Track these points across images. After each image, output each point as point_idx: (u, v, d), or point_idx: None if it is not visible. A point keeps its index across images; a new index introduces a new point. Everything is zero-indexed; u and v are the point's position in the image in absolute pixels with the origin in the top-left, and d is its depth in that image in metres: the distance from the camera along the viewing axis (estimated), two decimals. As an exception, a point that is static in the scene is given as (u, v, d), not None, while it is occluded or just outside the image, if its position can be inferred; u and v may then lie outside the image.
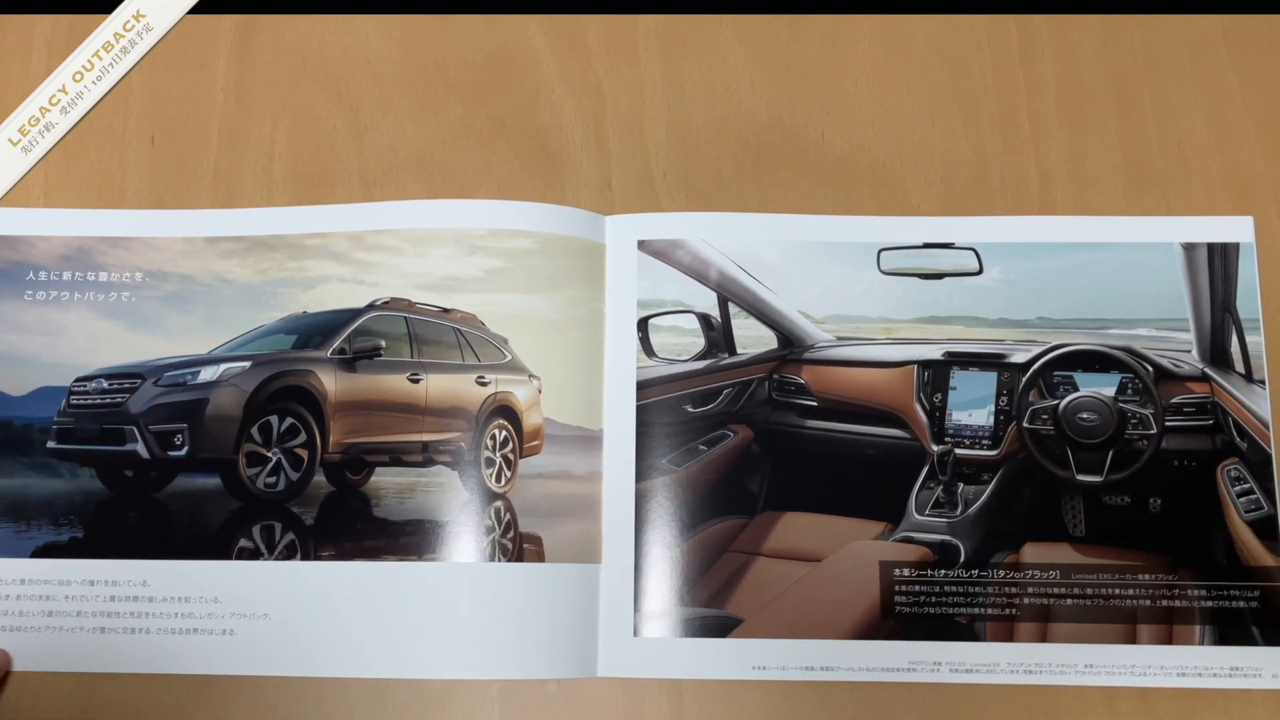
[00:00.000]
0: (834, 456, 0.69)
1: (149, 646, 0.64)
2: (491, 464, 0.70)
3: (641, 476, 0.67)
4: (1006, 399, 0.70)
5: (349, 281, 0.70)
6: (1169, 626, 0.64)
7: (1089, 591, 0.65)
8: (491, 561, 0.65)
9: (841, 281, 0.70)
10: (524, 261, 0.70)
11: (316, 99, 0.74)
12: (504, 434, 0.71)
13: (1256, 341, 0.68)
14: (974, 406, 0.70)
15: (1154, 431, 0.68)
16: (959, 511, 0.68)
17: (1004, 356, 0.70)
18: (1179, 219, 0.71)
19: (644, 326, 0.70)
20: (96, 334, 0.70)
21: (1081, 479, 0.68)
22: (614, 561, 0.66)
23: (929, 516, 0.67)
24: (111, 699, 0.64)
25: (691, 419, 0.69)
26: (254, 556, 0.66)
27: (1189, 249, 0.70)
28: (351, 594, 0.65)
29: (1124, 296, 0.69)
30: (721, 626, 0.65)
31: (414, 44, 0.76)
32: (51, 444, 0.70)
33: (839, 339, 0.71)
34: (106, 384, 0.70)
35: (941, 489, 0.68)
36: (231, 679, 0.64)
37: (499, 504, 0.67)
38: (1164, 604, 0.65)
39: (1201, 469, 0.67)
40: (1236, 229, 0.70)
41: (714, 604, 0.66)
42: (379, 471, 0.70)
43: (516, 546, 0.66)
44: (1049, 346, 0.70)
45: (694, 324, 0.71)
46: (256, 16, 0.76)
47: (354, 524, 0.67)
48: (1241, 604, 0.65)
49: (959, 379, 0.71)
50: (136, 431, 0.70)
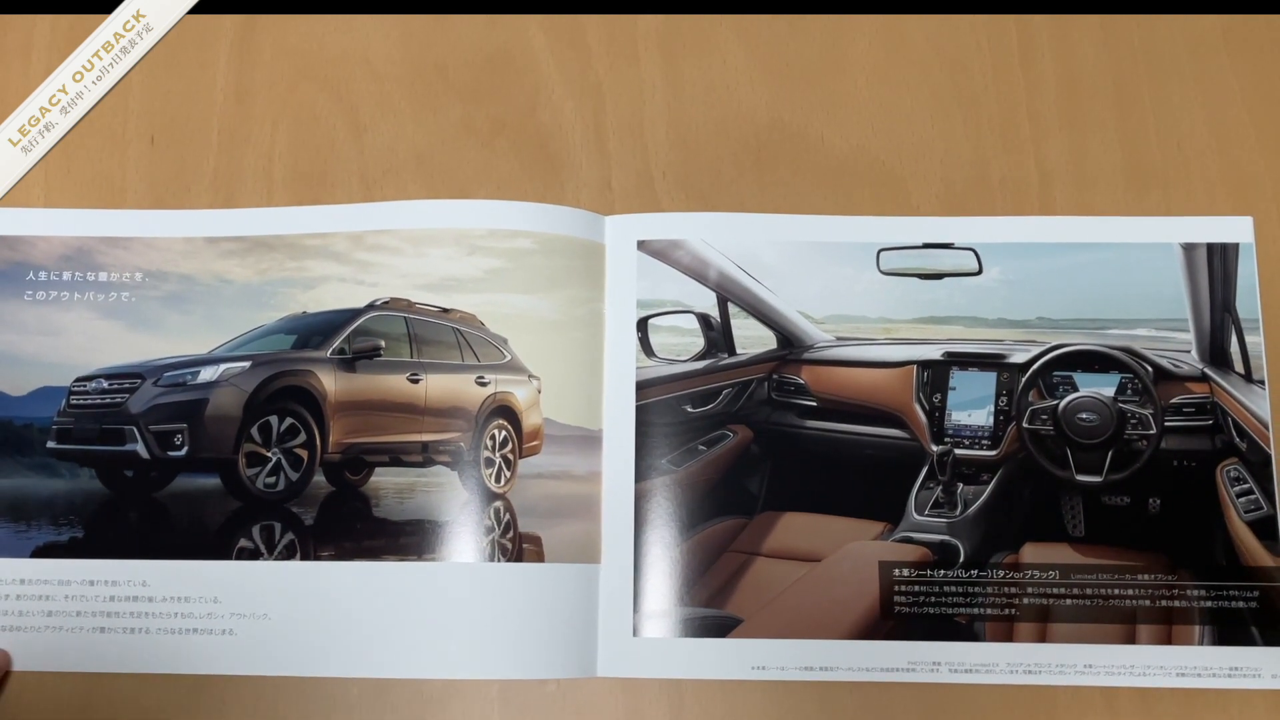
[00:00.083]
0: (833, 457, 0.69)
1: (149, 646, 0.64)
2: (491, 464, 0.70)
3: (641, 476, 0.67)
4: (1006, 399, 0.70)
5: (349, 281, 0.70)
6: (1168, 627, 0.64)
7: (1088, 591, 0.65)
8: (491, 561, 0.65)
9: (841, 281, 0.70)
10: (524, 261, 0.70)
11: (316, 99, 0.74)
12: (504, 434, 0.71)
13: (1256, 342, 0.68)
14: (973, 407, 0.70)
15: (1153, 432, 0.68)
16: (958, 512, 0.68)
17: (1003, 357, 0.70)
18: (1179, 219, 0.71)
19: (644, 326, 0.70)
20: (96, 334, 0.70)
21: (1081, 479, 0.68)
22: (614, 561, 0.66)
23: (928, 516, 0.67)
24: (111, 699, 0.64)
25: (691, 419, 0.69)
26: (254, 556, 0.66)
27: (1189, 249, 0.70)
28: (351, 594, 0.65)
29: (1124, 297, 0.69)
30: (721, 626, 0.65)
31: (414, 44, 0.76)
32: (51, 444, 0.70)
33: (838, 339, 0.71)
34: (106, 384, 0.70)
35: (941, 489, 0.68)
36: (231, 679, 0.64)
37: (499, 504, 0.67)
38: (1163, 604, 0.65)
39: (1201, 469, 0.67)
40: (1236, 229, 0.70)
41: (714, 604, 0.66)
42: (379, 471, 0.70)
43: (516, 546, 0.66)
44: (1049, 347, 0.70)
45: (693, 324, 0.71)
46: (256, 16, 0.76)
47: (354, 524, 0.68)
48: (1241, 604, 0.65)
49: (958, 379, 0.71)
50: (136, 431, 0.70)
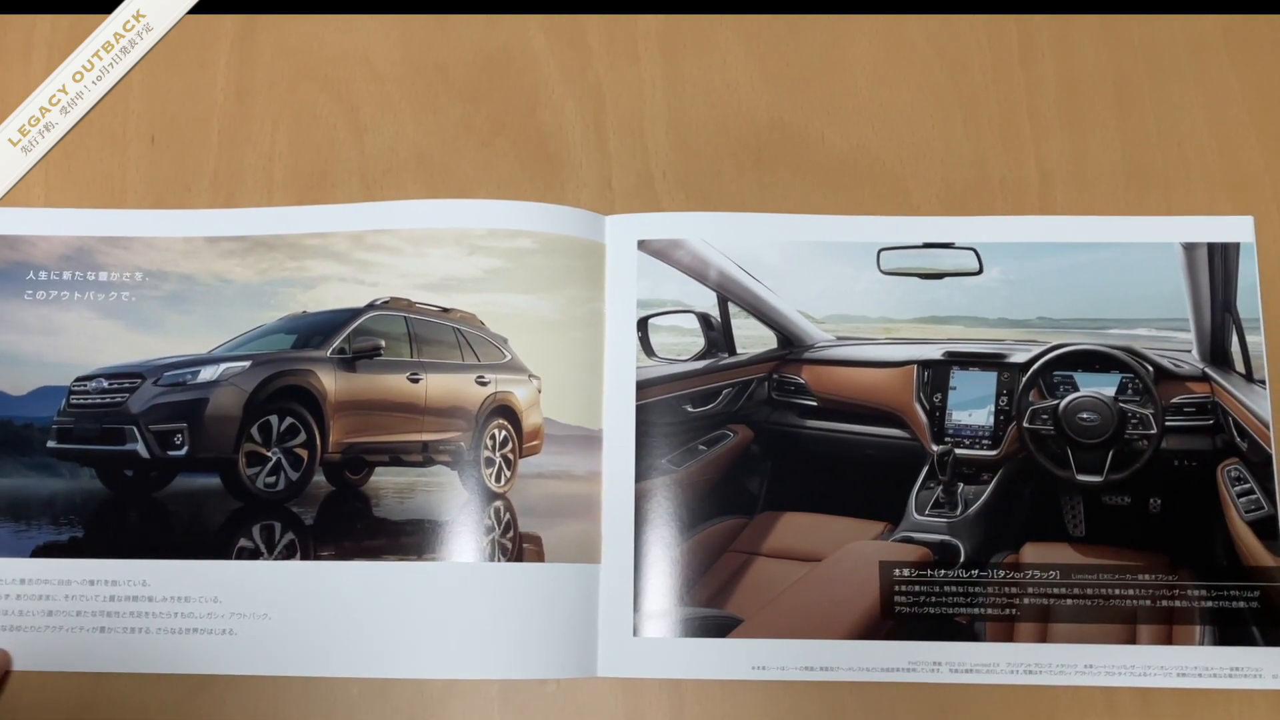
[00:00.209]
0: (834, 456, 0.69)
1: (149, 646, 0.64)
2: (491, 464, 0.70)
3: (641, 476, 0.67)
4: (1006, 399, 0.70)
5: (349, 281, 0.70)
6: (1169, 627, 0.64)
7: (1089, 591, 0.65)
8: (491, 561, 0.65)
9: (841, 281, 0.70)
10: (524, 261, 0.70)
11: (316, 99, 0.74)
12: (504, 434, 0.71)
13: (1257, 341, 0.68)
14: (974, 406, 0.70)
15: (1154, 431, 0.68)
16: (959, 511, 0.68)
17: (1004, 356, 0.70)
18: (1179, 219, 0.71)
19: (644, 326, 0.70)
20: (97, 334, 0.70)
21: (1081, 479, 0.68)
22: (614, 561, 0.66)
23: (929, 516, 0.67)
24: (111, 699, 0.64)
25: (691, 419, 0.69)
26: (254, 556, 0.66)
27: (1189, 249, 0.70)
28: (351, 594, 0.65)
29: (1124, 296, 0.69)
30: (721, 626, 0.65)
31: (414, 44, 0.76)
32: (51, 444, 0.70)
33: (839, 339, 0.71)
34: (106, 384, 0.70)
35: (941, 489, 0.68)
36: (231, 679, 0.64)
37: (499, 504, 0.67)
38: (1164, 604, 0.65)
39: (1202, 469, 0.67)
40: (1237, 229, 0.70)
41: (714, 604, 0.65)
42: (379, 471, 0.70)
43: (516, 546, 0.66)
44: (1049, 346, 0.69)
45: (694, 324, 0.71)
46: (256, 16, 0.76)
47: (354, 524, 0.67)
48: (1241, 604, 0.65)
49: (959, 379, 0.71)
50: (136, 431, 0.70)
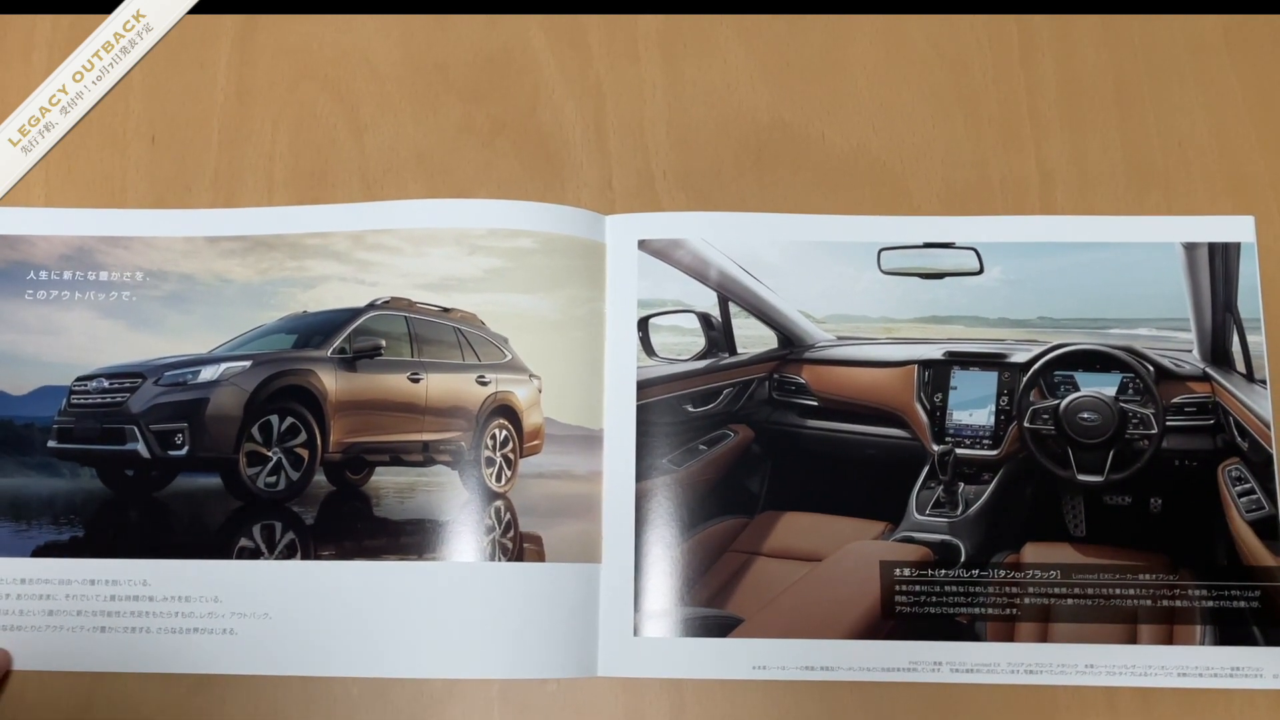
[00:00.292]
0: (834, 456, 0.69)
1: (149, 646, 0.64)
2: (492, 463, 0.70)
3: (642, 476, 0.67)
4: (1007, 399, 0.70)
5: (349, 281, 0.70)
6: (1169, 626, 0.64)
7: (1089, 591, 0.65)
8: (492, 561, 0.65)
9: (842, 281, 0.70)
10: (524, 261, 0.70)
11: (316, 99, 0.74)
12: (504, 433, 0.71)
13: (1257, 341, 0.68)
14: (975, 406, 0.70)
15: (1155, 431, 0.68)
16: (959, 511, 0.68)
17: (1005, 356, 0.70)
18: (1179, 219, 0.71)
19: (644, 326, 0.70)
20: (97, 333, 0.70)
21: (1082, 479, 0.68)
22: (614, 561, 0.66)
23: (929, 516, 0.67)
24: (111, 699, 0.64)
25: (692, 419, 0.69)
26: (254, 556, 0.66)
27: (1190, 249, 0.70)
28: (352, 593, 0.65)
29: (1125, 296, 0.69)
30: (722, 626, 0.65)
31: (414, 44, 0.76)
32: (52, 443, 0.70)
33: (839, 339, 0.71)
34: (107, 383, 0.70)
35: (942, 489, 0.68)
36: (231, 678, 0.64)
37: (499, 503, 0.67)
38: (1164, 604, 0.65)
39: (1202, 469, 0.67)
40: (1237, 228, 0.70)
41: (714, 604, 0.65)
42: (379, 471, 0.70)
43: (517, 546, 0.66)
44: (1050, 346, 0.69)
45: (694, 324, 0.71)
46: (256, 16, 0.76)
47: (354, 524, 0.67)
48: (1242, 604, 0.65)
49: (959, 379, 0.71)
50: (137, 431, 0.70)
